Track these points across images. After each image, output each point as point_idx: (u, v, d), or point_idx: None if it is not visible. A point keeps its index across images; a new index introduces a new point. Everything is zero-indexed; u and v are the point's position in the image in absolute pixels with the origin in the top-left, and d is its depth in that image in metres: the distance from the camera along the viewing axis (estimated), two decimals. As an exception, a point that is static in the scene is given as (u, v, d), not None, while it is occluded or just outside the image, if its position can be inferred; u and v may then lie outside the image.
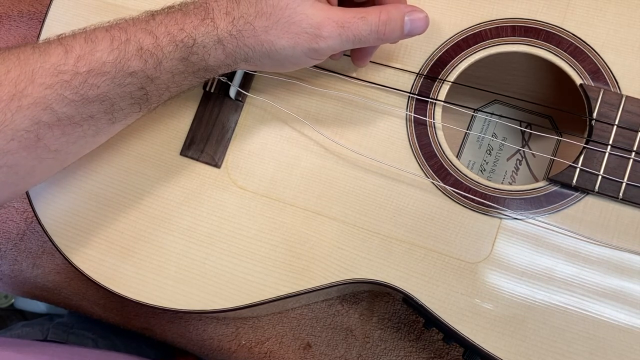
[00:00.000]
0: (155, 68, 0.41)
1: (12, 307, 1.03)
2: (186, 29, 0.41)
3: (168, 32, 0.41)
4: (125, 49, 0.40)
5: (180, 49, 0.41)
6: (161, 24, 0.41)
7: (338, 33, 0.41)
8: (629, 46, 0.46)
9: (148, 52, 0.41)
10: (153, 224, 0.50)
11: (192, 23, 0.41)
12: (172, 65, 0.42)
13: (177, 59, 0.41)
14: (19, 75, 0.39)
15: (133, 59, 0.40)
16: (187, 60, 0.42)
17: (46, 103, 0.39)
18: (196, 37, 0.41)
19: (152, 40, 0.41)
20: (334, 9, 0.42)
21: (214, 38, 0.41)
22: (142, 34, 0.41)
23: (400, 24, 0.42)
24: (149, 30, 0.41)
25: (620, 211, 0.45)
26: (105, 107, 0.42)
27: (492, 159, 0.59)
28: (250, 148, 0.51)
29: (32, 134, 0.40)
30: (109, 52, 0.40)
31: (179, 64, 0.42)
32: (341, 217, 0.48)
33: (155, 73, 0.41)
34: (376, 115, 0.49)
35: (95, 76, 0.40)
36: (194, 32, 0.41)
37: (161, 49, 0.41)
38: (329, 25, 0.41)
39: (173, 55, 0.41)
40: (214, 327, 0.61)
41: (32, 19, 0.70)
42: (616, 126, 0.45)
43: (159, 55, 0.41)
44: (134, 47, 0.40)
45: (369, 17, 0.41)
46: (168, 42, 0.41)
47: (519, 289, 0.45)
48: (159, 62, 0.41)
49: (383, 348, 0.58)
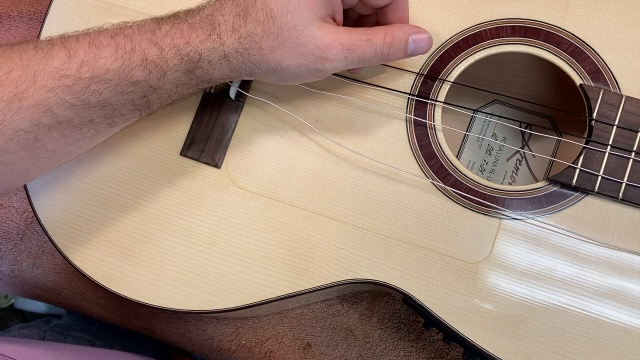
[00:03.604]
0: (159, 79, 0.41)
1: (12, 307, 1.03)
2: (192, 43, 0.41)
3: (174, 44, 0.41)
4: (130, 58, 0.40)
5: (185, 62, 0.41)
6: (167, 36, 0.41)
7: (344, 56, 0.42)
8: (629, 46, 0.46)
9: (153, 63, 0.40)
10: (153, 224, 0.50)
11: (198, 37, 0.41)
12: (176, 77, 0.42)
13: (181, 71, 0.41)
14: (20, 76, 0.39)
15: (137, 69, 0.40)
16: (191, 73, 0.42)
17: (47, 105, 0.39)
18: (202, 52, 0.41)
19: (157, 52, 0.40)
20: (340, 30, 0.42)
21: (220, 54, 0.41)
22: (148, 44, 0.40)
23: (404, 45, 0.43)
24: (154, 41, 0.41)
25: (620, 211, 0.45)
26: (105, 113, 0.42)
27: (492, 159, 0.59)
28: (250, 148, 0.51)
29: (31, 135, 0.40)
30: (113, 60, 0.40)
31: (182, 77, 0.42)
32: (341, 217, 0.48)
33: (158, 83, 0.41)
34: (376, 115, 0.49)
35: (98, 83, 0.40)
36: (200, 47, 0.41)
37: (166, 61, 0.41)
38: (335, 48, 0.41)
39: (178, 68, 0.41)
40: (214, 327, 0.61)
41: (32, 19, 0.70)
42: (616, 126, 0.45)
43: (163, 67, 0.41)
44: (139, 57, 0.40)
45: (374, 40, 0.42)
46: (173, 55, 0.41)
47: (518, 289, 0.45)
48: (163, 74, 0.41)
49: (383, 348, 0.58)
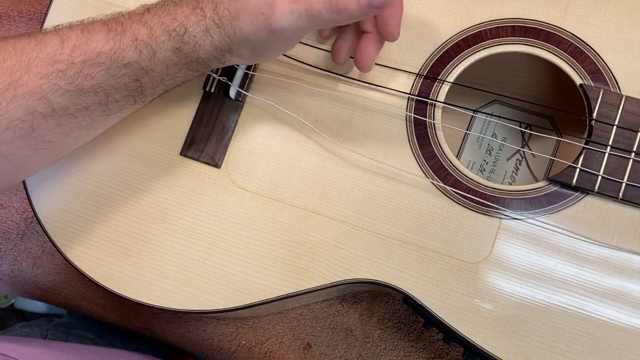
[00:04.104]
0: (150, 59, 0.41)
1: (12, 307, 1.03)
2: (178, 18, 0.41)
3: (161, 22, 0.41)
4: (121, 40, 0.41)
5: (173, 38, 0.41)
6: (155, 15, 0.42)
7: (289, 9, 0.39)
8: (629, 46, 0.46)
9: (143, 42, 0.41)
10: (153, 224, 0.50)
11: (183, 12, 0.41)
12: (165, 56, 0.42)
13: (170, 49, 0.42)
14: (14, 65, 0.39)
15: (128, 49, 0.41)
16: (179, 50, 0.42)
17: (41, 93, 0.39)
18: (187, 26, 0.41)
19: (146, 31, 0.41)
20: None
21: (203, 27, 0.41)
22: (137, 25, 0.41)
23: None
24: (143, 22, 0.41)
25: (620, 211, 0.45)
26: (99, 99, 0.42)
27: (492, 159, 0.59)
28: (250, 148, 0.51)
29: (26, 124, 0.40)
30: (105, 43, 0.40)
31: (172, 55, 0.42)
32: (341, 217, 0.48)
33: (149, 65, 0.42)
34: (376, 115, 0.49)
35: (90, 66, 0.40)
36: (185, 20, 0.41)
37: (155, 39, 0.41)
38: (281, 2, 0.39)
39: (166, 46, 0.41)
40: (214, 327, 0.60)
41: (32, 19, 0.70)
42: (616, 126, 0.45)
43: (153, 46, 0.41)
44: (129, 38, 0.41)
45: None
46: (161, 32, 0.41)
47: (518, 289, 0.45)
48: (153, 53, 0.41)
49: (383, 348, 0.58)
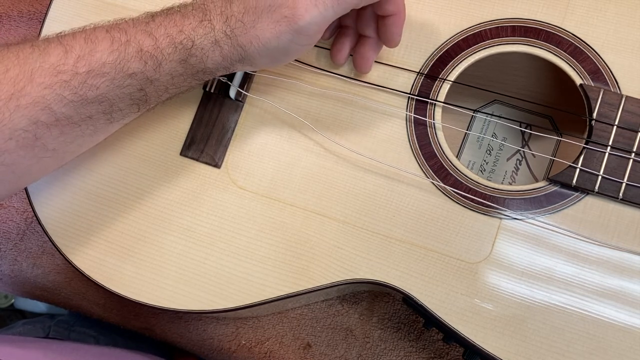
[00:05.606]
0: (155, 70, 0.41)
1: (12, 307, 1.03)
2: (185, 30, 0.41)
3: (167, 34, 0.41)
4: (125, 50, 0.40)
5: (179, 50, 0.41)
6: (160, 26, 0.41)
7: (313, 3, 0.39)
8: (629, 46, 0.46)
9: (148, 53, 0.41)
10: (153, 224, 0.50)
11: (190, 25, 0.41)
12: (171, 67, 0.42)
13: (176, 61, 0.41)
14: (17, 75, 0.39)
15: (133, 60, 0.40)
16: (186, 62, 0.42)
17: (45, 103, 0.39)
18: (194, 39, 0.41)
19: (151, 42, 0.41)
20: None
21: (212, 39, 0.41)
22: (142, 35, 0.41)
23: None
24: (148, 32, 0.41)
25: (620, 211, 0.45)
26: (104, 108, 0.42)
27: (492, 159, 0.59)
28: (250, 148, 0.50)
29: (30, 134, 0.40)
30: (109, 53, 0.40)
31: (178, 66, 0.42)
32: (341, 217, 0.48)
33: (154, 75, 0.41)
34: (376, 115, 0.49)
35: (95, 77, 0.40)
36: (192, 33, 0.41)
37: (161, 50, 0.41)
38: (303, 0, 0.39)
39: (172, 57, 0.41)
40: (214, 327, 0.60)
41: (32, 19, 0.70)
42: (616, 126, 0.45)
43: (158, 57, 0.41)
44: (134, 48, 0.40)
45: None
46: (167, 44, 0.41)
47: (518, 289, 0.45)
48: (158, 64, 0.41)
49: (383, 348, 0.58)
